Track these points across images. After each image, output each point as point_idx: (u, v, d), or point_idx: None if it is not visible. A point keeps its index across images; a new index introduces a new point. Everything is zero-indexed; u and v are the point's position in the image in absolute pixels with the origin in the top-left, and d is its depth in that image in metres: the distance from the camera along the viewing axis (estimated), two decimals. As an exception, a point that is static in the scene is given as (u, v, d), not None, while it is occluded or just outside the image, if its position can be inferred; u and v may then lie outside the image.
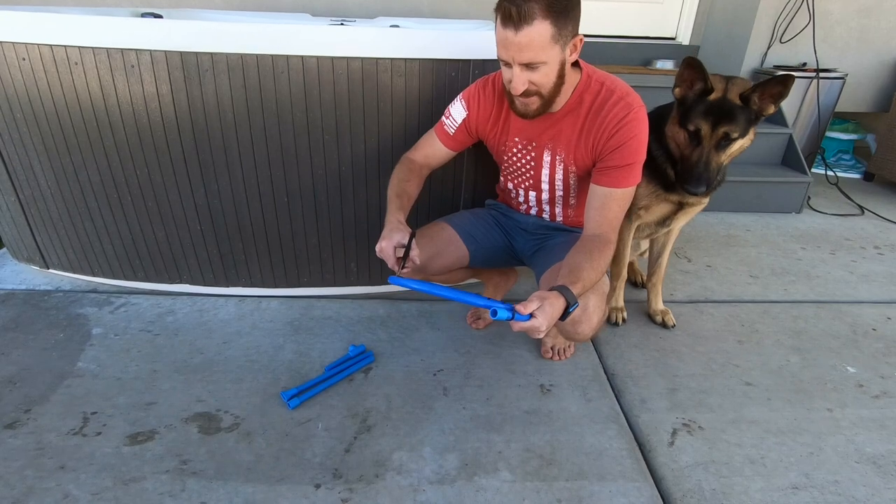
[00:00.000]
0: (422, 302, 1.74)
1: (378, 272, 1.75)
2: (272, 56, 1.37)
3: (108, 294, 1.73)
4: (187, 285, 1.74)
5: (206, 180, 1.54)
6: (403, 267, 1.15)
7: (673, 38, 3.68)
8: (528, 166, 1.35)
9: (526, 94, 1.12)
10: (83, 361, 1.41)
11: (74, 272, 1.78)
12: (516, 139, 1.31)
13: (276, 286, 1.74)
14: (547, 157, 1.30)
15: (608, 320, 1.68)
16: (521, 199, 1.45)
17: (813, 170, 3.23)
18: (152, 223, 1.62)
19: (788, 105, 2.95)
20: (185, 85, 1.39)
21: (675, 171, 1.42)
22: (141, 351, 1.46)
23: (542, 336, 1.02)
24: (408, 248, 1.15)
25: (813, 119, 3.03)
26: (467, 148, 1.41)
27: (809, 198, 2.78)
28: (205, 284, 1.73)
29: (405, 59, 1.42)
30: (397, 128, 1.51)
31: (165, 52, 1.35)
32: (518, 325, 0.98)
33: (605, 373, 1.45)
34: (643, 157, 1.21)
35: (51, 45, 1.36)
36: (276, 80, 1.40)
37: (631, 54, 3.57)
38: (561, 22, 1.03)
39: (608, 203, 1.21)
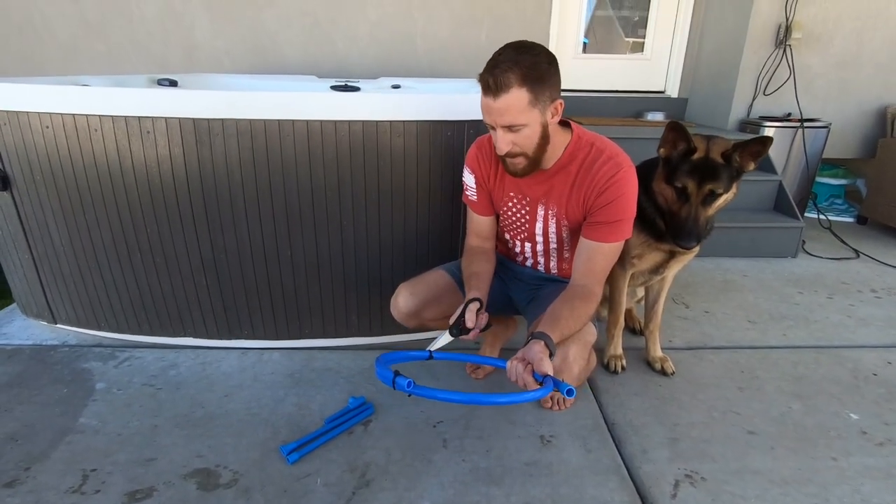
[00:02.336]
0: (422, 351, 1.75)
1: (379, 323, 1.78)
2: (279, 121, 1.46)
3: (113, 348, 1.76)
4: (191, 338, 1.76)
5: (212, 236, 1.60)
6: (457, 331, 1.26)
7: (662, 92, 3.85)
8: (523, 220, 1.40)
9: (510, 154, 1.20)
10: (85, 417, 1.42)
11: (81, 326, 1.82)
12: (511, 194, 1.38)
13: (277, 338, 1.77)
14: (541, 212, 1.36)
15: (606, 368, 1.68)
16: (518, 249, 1.50)
17: (806, 214, 3.29)
18: (159, 278, 1.67)
19: (777, 154, 3.05)
20: (197, 148, 1.48)
21: (664, 222, 1.47)
22: (143, 405, 1.47)
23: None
24: (463, 311, 1.25)
25: (801, 166, 3.12)
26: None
27: (804, 242, 2.83)
28: (208, 337, 1.76)
29: (404, 122, 1.51)
30: (396, 184, 1.58)
31: (179, 118, 1.45)
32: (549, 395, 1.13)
33: (606, 422, 1.45)
34: (632, 214, 1.26)
35: (73, 115, 1.46)
36: (282, 143, 1.49)
37: (622, 107, 3.72)
38: (537, 89, 1.11)
39: (595, 256, 1.27)
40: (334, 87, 3.18)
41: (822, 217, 3.30)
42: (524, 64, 1.08)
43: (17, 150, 1.55)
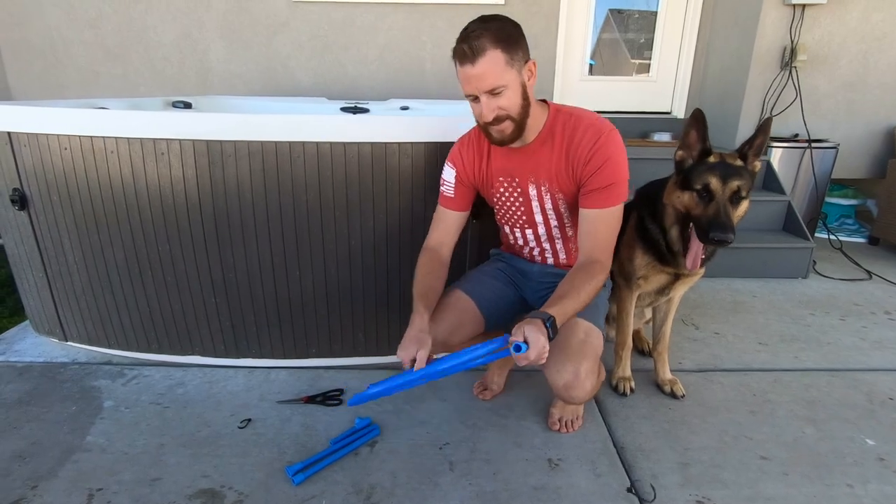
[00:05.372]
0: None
1: (386, 342, 1.78)
2: (290, 143, 1.49)
3: (122, 366, 1.77)
4: (199, 357, 1.77)
5: (223, 255, 1.62)
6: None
7: (668, 113, 3.88)
8: (517, 203, 1.39)
9: (497, 120, 1.20)
10: (93, 435, 1.43)
11: (91, 344, 1.84)
12: (500, 179, 1.37)
13: (285, 357, 1.77)
14: (532, 191, 1.34)
15: (615, 390, 1.67)
16: (521, 241, 1.47)
17: (817, 234, 3.27)
18: (169, 296, 1.68)
19: (785, 174, 3.04)
20: (209, 169, 1.51)
21: (665, 243, 1.47)
22: (150, 424, 1.48)
23: (538, 356, 1.08)
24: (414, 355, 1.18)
25: (810, 186, 3.11)
26: (474, 204, 1.46)
27: (815, 263, 2.80)
28: (216, 356, 1.77)
29: (412, 143, 1.54)
30: (404, 203, 1.60)
31: (193, 140, 1.48)
32: (528, 356, 1.07)
33: (615, 446, 1.43)
34: (625, 176, 1.24)
35: (91, 137, 1.50)
36: (293, 164, 1.52)
37: (629, 128, 3.74)
38: (511, 48, 1.14)
39: (597, 225, 1.25)
40: (344, 109, 3.24)
41: (832, 237, 3.27)
42: (493, 28, 1.13)
43: (35, 171, 1.59)
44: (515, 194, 1.37)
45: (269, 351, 1.76)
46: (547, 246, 1.45)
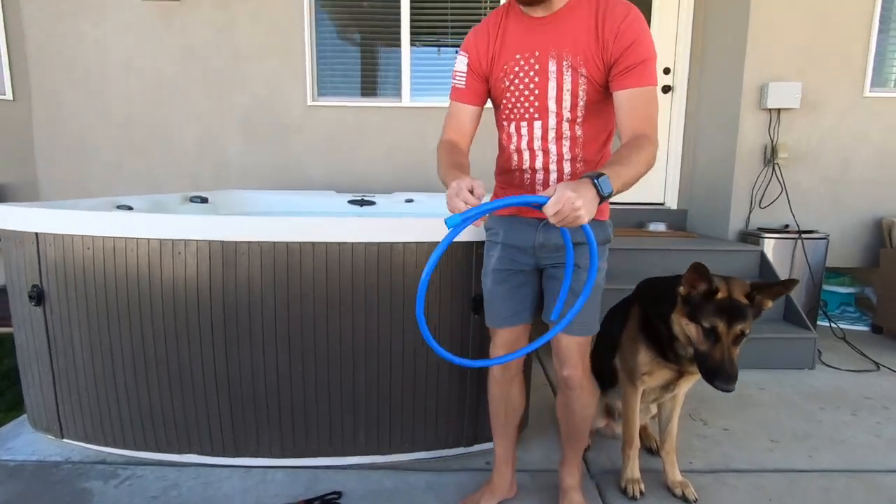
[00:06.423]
0: (430, 473, 1.69)
1: (386, 441, 1.74)
2: (300, 243, 1.58)
3: (116, 465, 1.72)
4: (195, 455, 1.73)
5: (228, 350, 1.64)
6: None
7: (662, 204, 4.05)
8: (532, 84, 1.27)
9: None
10: (79, 544, 1.37)
11: (88, 442, 1.80)
12: (517, 56, 1.27)
13: (283, 455, 1.72)
14: (552, 66, 1.24)
15: (624, 492, 1.60)
16: (525, 145, 1.33)
17: (820, 323, 3.27)
18: (172, 392, 1.68)
19: (779, 264, 3.11)
20: (222, 267, 1.58)
21: (666, 339, 1.49)
22: (139, 532, 1.42)
23: (580, 211, 0.95)
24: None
25: (806, 276, 3.16)
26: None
27: (821, 353, 2.78)
28: (213, 454, 1.72)
29: (416, 243, 1.62)
30: (409, 299, 1.65)
31: (209, 241, 1.57)
32: (546, 207, 0.96)
33: (627, 559, 1.35)
34: (655, 54, 1.20)
35: (114, 238, 1.59)
36: (302, 263, 1.59)
37: (626, 218, 3.89)
38: None
39: (637, 104, 1.18)
40: (352, 202, 3.41)
41: (833, 326, 3.27)
42: None
43: (56, 269, 1.67)
44: (532, 73, 1.27)
45: (267, 449, 1.72)
46: (552, 148, 1.30)
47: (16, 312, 1.81)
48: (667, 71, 3.90)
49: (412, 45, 3.78)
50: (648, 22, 3.82)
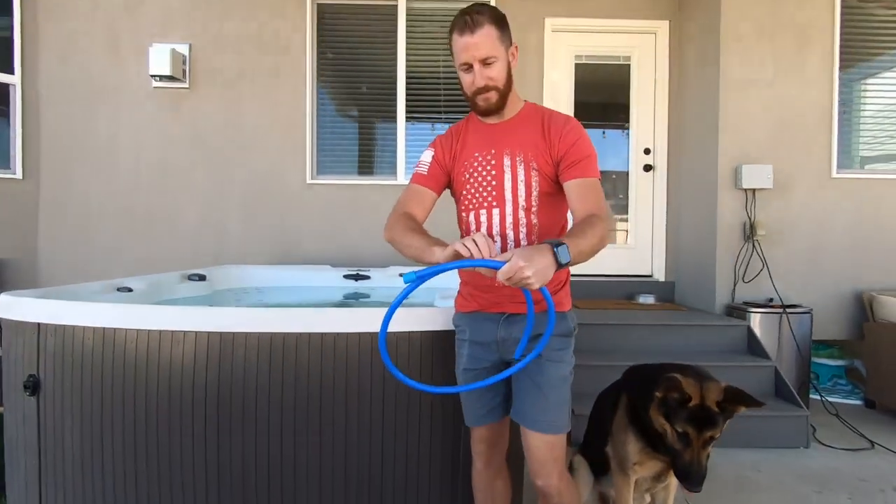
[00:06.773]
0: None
1: (377, 535, 1.71)
2: (297, 333, 1.63)
3: (97, 565, 1.66)
4: (179, 554, 1.68)
5: (220, 441, 1.64)
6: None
7: (650, 276, 4.15)
8: (489, 177, 1.43)
9: (485, 88, 1.34)
10: None
11: (68, 538, 1.75)
12: (476, 154, 1.45)
13: (270, 553, 1.68)
14: (507, 161, 1.41)
15: None
16: (482, 230, 1.44)
17: (812, 396, 3.28)
18: (160, 486, 1.66)
19: (767, 338, 3.17)
20: (219, 359, 1.62)
21: (653, 431, 1.52)
22: None
23: (530, 279, 1.04)
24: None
25: (793, 349, 3.21)
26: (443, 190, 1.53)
27: (815, 430, 2.78)
28: (197, 553, 1.67)
29: (409, 332, 1.67)
30: (401, 391, 1.67)
31: (208, 332, 1.62)
32: (498, 273, 1.06)
33: None
34: (595, 153, 1.38)
35: (115, 329, 1.64)
36: (297, 353, 1.63)
37: (616, 290, 3.99)
38: (502, 29, 1.34)
39: (586, 192, 1.33)
40: (347, 276, 3.49)
41: (825, 400, 3.27)
42: (489, 9, 1.33)
43: (55, 359, 1.69)
44: (489, 167, 1.43)
45: (254, 547, 1.67)
46: (511, 235, 1.41)
47: (8, 399, 1.81)
48: (647, 151, 4.15)
49: (407, 121, 4.02)
50: (626, 99, 4.17)
